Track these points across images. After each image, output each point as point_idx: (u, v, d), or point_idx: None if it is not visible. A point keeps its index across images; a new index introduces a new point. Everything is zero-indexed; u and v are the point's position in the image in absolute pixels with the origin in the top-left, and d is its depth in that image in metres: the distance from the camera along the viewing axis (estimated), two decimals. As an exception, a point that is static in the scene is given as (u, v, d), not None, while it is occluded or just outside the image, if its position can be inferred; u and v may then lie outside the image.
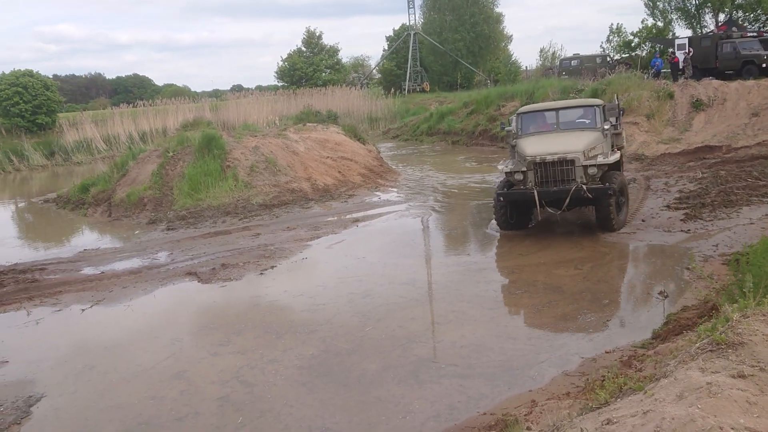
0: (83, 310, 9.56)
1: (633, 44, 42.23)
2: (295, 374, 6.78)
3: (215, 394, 6.42)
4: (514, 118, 12.68)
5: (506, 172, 11.49)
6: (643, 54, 39.80)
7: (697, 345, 3.49)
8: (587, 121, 12.05)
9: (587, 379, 5.88)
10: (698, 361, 3.20)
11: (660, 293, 8.24)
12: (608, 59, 37.57)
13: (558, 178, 10.91)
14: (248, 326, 8.36)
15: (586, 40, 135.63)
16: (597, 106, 12.20)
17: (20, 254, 13.59)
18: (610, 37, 43.11)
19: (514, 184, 11.44)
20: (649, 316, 7.61)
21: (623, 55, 41.34)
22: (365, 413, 5.85)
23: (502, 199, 11.31)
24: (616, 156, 11.52)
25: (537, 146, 11.33)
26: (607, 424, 3.06)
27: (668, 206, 12.93)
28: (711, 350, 3.28)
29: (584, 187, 10.48)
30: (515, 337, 7.36)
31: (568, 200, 10.69)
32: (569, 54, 42.41)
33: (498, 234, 12.06)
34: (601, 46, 44.89)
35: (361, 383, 6.47)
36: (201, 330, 8.41)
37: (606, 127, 11.67)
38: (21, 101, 35.47)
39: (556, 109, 12.43)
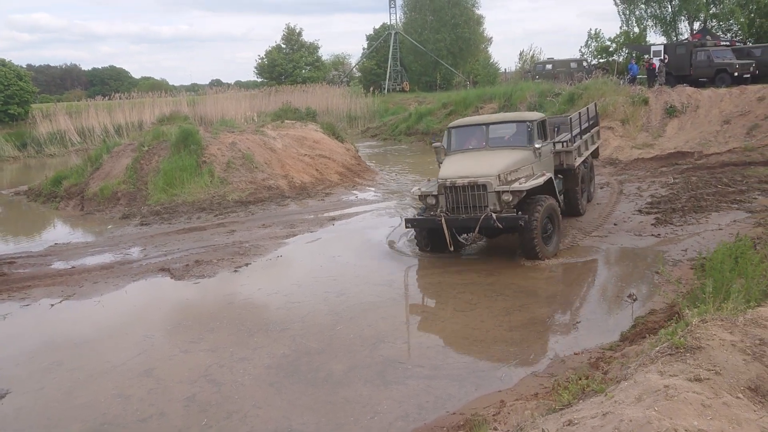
0: (52, 305, 9.43)
1: (610, 49, 42.80)
2: (264, 374, 6.77)
3: (182, 394, 6.38)
4: (446, 133, 11.73)
5: (419, 195, 10.61)
6: (620, 59, 40.35)
7: (657, 348, 3.57)
8: (519, 138, 10.97)
9: (555, 381, 5.96)
10: (657, 365, 3.28)
11: (629, 296, 8.38)
12: (584, 64, 38.00)
13: (469, 204, 9.92)
14: (220, 324, 8.32)
15: (566, 44, 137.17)
16: (529, 122, 10.98)
17: (-12, 247, 13.33)
18: (589, 42, 43.67)
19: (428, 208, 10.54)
20: (618, 319, 7.74)
21: (600, 60, 41.87)
22: (333, 414, 5.86)
23: (408, 225, 10.64)
24: (542, 179, 10.05)
25: (453, 167, 10.37)
26: (568, 425, 3.13)
27: (640, 210, 13.15)
28: (670, 354, 3.36)
29: (494, 215, 9.54)
30: (482, 340, 7.42)
31: (477, 230, 9.88)
32: (544, 58, 42.90)
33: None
34: (580, 50, 45.43)
35: (329, 383, 6.48)
36: (173, 327, 8.35)
37: (538, 146, 10.58)
38: (-7, 91, 34.83)
39: (486, 124, 11.28)
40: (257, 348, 7.45)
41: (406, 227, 10.77)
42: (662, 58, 28.83)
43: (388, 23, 57.69)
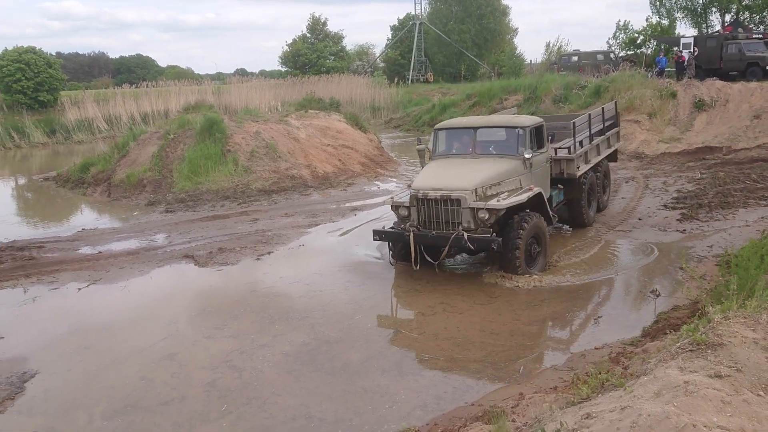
0: (80, 289, 9.63)
1: (638, 41, 42.09)
2: (283, 361, 6.86)
3: (204, 379, 6.50)
4: (432, 134, 10.65)
5: (392, 205, 9.63)
6: (648, 52, 39.68)
7: (678, 344, 3.56)
8: (508, 146, 9.78)
9: (575, 374, 5.95)
10: (678, 360, 3.27)
11: (652, 292, 8.31)
12: (612, 56, 37.44)
13: (442, 219, 8.89)
14: (243, 311, 8.44)
15: (593, 36, 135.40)
16: (521, 128, 9.69)
17: (19, 231, 13.66)
18: (617, 34, 42.99)
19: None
20: (640, 315, 7.69)
21: (628, 52, 41.20)
22: (351, 402, 5.92)
23: (376, 237, 9.68)
24: (525, 196, 8.93)
25: (429, 177, 9.41)
26: (587, 418, 3.13)
27: (665, 205, 12.99)
28: (691, 350, 3.34)
29: (466, 235, 8.55)
30: (500, 333, 7.42)
31: (446, 250, 8.89)
32: (570, 50, 42.34)
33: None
34: (607, 42, 44.77)
35: (347, 372, 6.54)
36: (196, 313, 8.48)
37: (528, 155, 9.38)
38: (23, 78, 35.43)
39: (474, 128, 10.09)
40: (278, 335, 7.55)
41: (374, 239, 9.71)
42: (692, 50, 28.29)
43: (413, 13, 57.37)
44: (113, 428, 5.64)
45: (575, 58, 37.37)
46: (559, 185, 10.99)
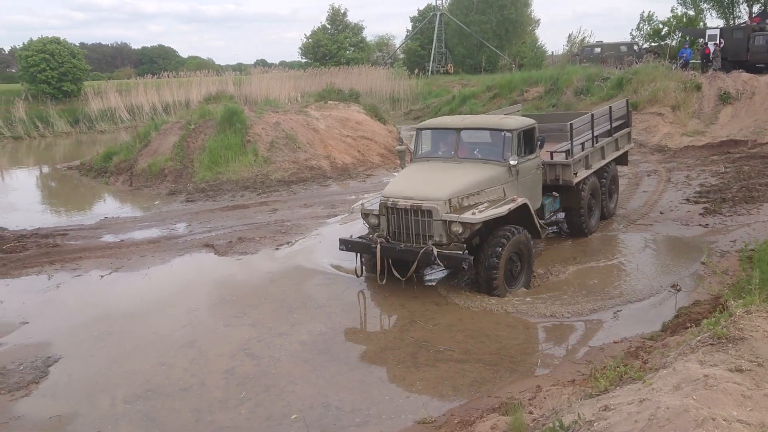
0: (102, 276, 9.78)
1: (662, 33, 41.45)
2: (300, 350, 6.93)
3: (222, 366, 6.59)
4: (414, 134, 9.81)
5: (362, 213, 8.80)
6: (673, 43, 39.06)
7: (698, 338, 3.52)
8: (493, 151, 8.90)
9: (593, 368, 5.92)
10: (698, 354, 3.24)
11: (672, 286, 8.22)
12: (635, 47, 36.92)
13: (412, 231, 8.09)
14: (262, 300, 8.52)
15: (617, 28, 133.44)
16: (507, 131, 8.76)
17: (43, 219, 13.89)
18: (641, 25, 42.38)
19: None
20: (660, 309, 7.61)
21: (652, 44, 40.60)
22: (368, 392, 5.95)
23: (342, 247, 8.86)
24: (505, 208, 7.96)
25: (402, 183, 8.60)
26: (604, 410, 3.12)
27: (688, 199, 12.82)
28: (712, 344, 3.31)
29: (435, 251, 7.75)
30: (513, 326, 7.40)
31: (414, 265, 8.07)
32: (593, 41, 41.81)
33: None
34: (630, 33, 44.12)
35: (363, 362, 6.59)
36: (216, 301, 8.57)
37: (513, 162, 8.43)
38: (48, 68, 35.86)
39: (458, 129, 9.15)
40: (295, 324, 7.62)
41: (339, 248, 8.89)
42: (717, 42, 27.80)
43: (434, 4, 57.01)
44: (134, 412, 5.74)
45: (598, 50, 36.92)
46: (553, 192, 10.04)
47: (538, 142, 9.22)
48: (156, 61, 78.24)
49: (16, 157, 26.99)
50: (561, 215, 10.92)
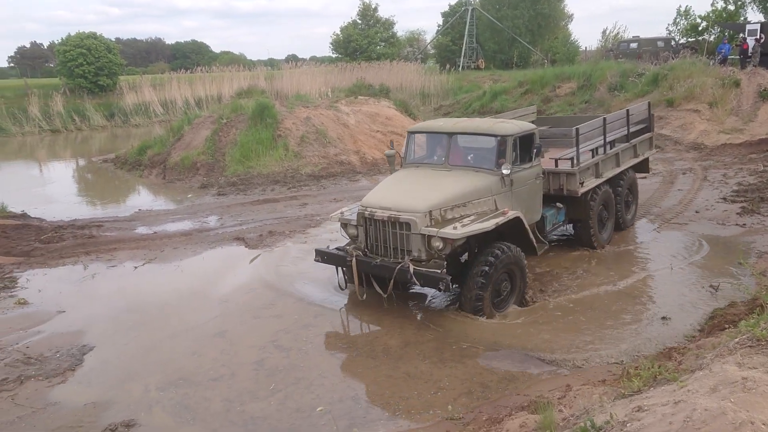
0: (136, 267, 9.96)
1: (700, 28, 40.47)
2: (325, 342, 7.00)
3: (252, 357, 6.68)
4: (406, 138, 9.06)
5: (341, 222, 8.21)
6: (711, 39, 38.12)
7: (736, 340, 3.44)
8: (485, 158, 8.11)
9: (625, 368, 5.83)
10: (736, 356, 3.17)
11: (710, 286, 8.05)
12: (672, 43, 36.14)
13: (390, 244, 7.40)
14: (289, 292, 8.58)
15: (652, 22, 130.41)
16: (500, 136, 7.96)
17: (79, 211, 14.21)
18: (677, 20, 41.43)
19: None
20: (695, 310, 7.46)
21: (689, 39, 39.68)
22: (396, 387, 5.95)
23: (317, 258, 8.26)
24: (492, 222, 7.17)
25: (383, 191, 7.96)
26: (638, 411, 3.07)
27: (725, 198, 12.53)
28: (750, 346, 3.23)
29: (411, 267, 7.01)
30: (542, 323, 7.33)
31: (391, 283, 7.39)
32: (629, 36, 41.01)
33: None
34: (667, 28, 43.20)
35: (388, 357, 6.57)
36: (245, 293, 8.66)
37: (506, 171, 7.68)
38: (84, 63, 36.57)
39: (449, 134, 8.38)
40: (318, 315, 7.74)
41: (315, 260, 8.30)
42: (758, 37, 27.02)
43: (465, -1, 56.63)
44: (167, 399, 5.85)
45: (634, 45, 36.19)
46: (557, 204, 9.35)
47: (534, 150, 8.25)
48: (189, 56, 79.25)
49: (53, 150, 27.65)
50: (569, 226, 10.03)
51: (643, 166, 11.67)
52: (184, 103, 34.24)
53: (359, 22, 59.77)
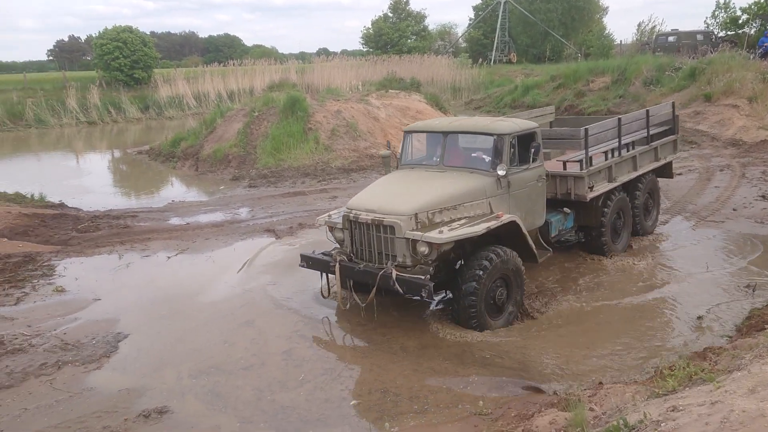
0: (169, 257, 10.13)
1: (741, 21, 39.37)
2: (345, 336, 7.03)
3: (280, 347, 6.76)
4: (403, 137, 8.68)
5: (328, 226, 7.79)
6: (752, 32, 37.07)
7: (776, 341, 3.35)
8: (479, 159, 7.70)
9: (657, 367, 5.74)
10: (776, 357, 3.09)
11: (747, 286, 7.87)
12: (711, 36, 35.25)
13: (375, 249, 7.01)
14: (311, 284, 8.60)
15: (689, 15, 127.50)
16: (497, 135, 7.51)
17: (115, 201, 14.52)
18: (716, 13, 40.34)
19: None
20: (732, 310, 7.30)
21: (729, 33, 38.64)
22: (423, 380, 5.93)
23: (302, 263, 7.86)
24: (483, 227, 6.70)
25: (371, 192, 7.61)
26: (672, 410, 3.02)
27: (764, 196, 12.19)
28: (792, 347, 3.14)
29: (394, 274, 6.56)
30: (576, 321, 7.25)
31: (374, 290, 6.88)
32: (668, 30, 40.07)
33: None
34: (705, 21, 42.13)
35: (408, 354, 6.51)
36: (271, 284, 8.73)
37: (502, 172, 7.21)
38: (120, 56, 37.23)
39: (444, 133, 7.97)
40: (334, 307, 7.76)
41: (300, 265, 7.94)
42: (802, 30, 26.21)
43: (498, -8, 56.08)
44: (200, 387, 5.95)
45: (672, 38, 35.38)
46: (565, 209, 8.81)
47: (533, 150, 7.70)
48: (222, 50, 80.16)
49: (90, 141, 28.26)
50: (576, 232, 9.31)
51: (666, 171, 10.99)
52: (216, 96, 34.64)
53: (390, 15, 59.68)
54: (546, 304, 7.70)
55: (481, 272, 6.74)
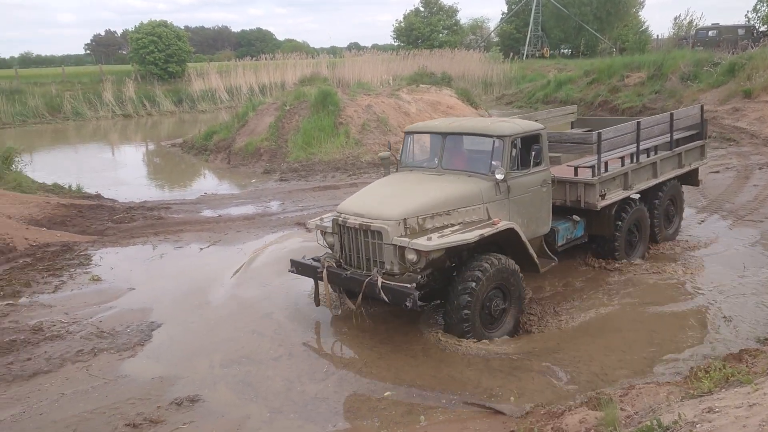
0: (201, 249, 10.28)
1: (783, 15, 38.22)
2: (361, 335, 6.94)
3: (301, 339, 6.85)
4: (404, 138, 8.34)
5: (318, 229, 7.40)
6: (795, 26, 35.99)
7: (818, 343, 3.26)
8: (478, 162, 7.29)
9: (692, 369, 5.63)
10: (818, 360, 3.00)
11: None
12: (753, 31, 34.32)
13: (363, 254, 6.68)
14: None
15: (729, 9, 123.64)
16: (498, 137, 7.08)
17: (149, 193, 14.78)
18: (758, 6, 39.24)
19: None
20: (761, 311, 7.12)
21: (771, 27, 37.57)
22: (444, 386, 5.75)
23: (292, 269, 7.55)
24: (476, 234, 6.31)
25: (362, 195, 7.26)
26: (708, 412, 2.97)
27: (804, 196, 11.86)
28: (834, 350, 3.06)
29: (380, 281, 6.26)
30: (621, 329, 7.15)
31: (359, 297, 6.62)
32: (708, 24, 39.14)
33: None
34: (746, 15, 41.01)
35: (428, 358, 6.34)
36: (294, 278, 8.64)
37: (500, 176, 6.75)
38: (155, 50, 37.80)
39: (443, 134, 7.57)
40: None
41: (290, 271, 7.64)
42: None
43: (531, -14, 55.42)
44: (231, 376, 6.04)
45: (713, 33, 34.52)
46: (574, 216, 8.33)
47: (533, 152, 7.25)
48: (254, 44, 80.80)
49: (125, 134, 28.81)
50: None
51: (691, 178, 10.28)
52: (248, 90, 34.98)
53: (422, 9, 59.47)
54: (573, 308, 7.55)
55: (474, 284, 6.37)
